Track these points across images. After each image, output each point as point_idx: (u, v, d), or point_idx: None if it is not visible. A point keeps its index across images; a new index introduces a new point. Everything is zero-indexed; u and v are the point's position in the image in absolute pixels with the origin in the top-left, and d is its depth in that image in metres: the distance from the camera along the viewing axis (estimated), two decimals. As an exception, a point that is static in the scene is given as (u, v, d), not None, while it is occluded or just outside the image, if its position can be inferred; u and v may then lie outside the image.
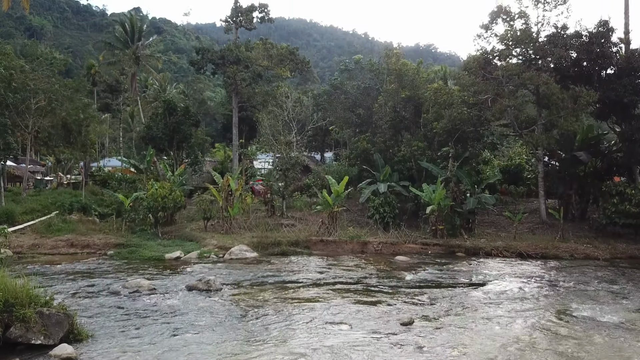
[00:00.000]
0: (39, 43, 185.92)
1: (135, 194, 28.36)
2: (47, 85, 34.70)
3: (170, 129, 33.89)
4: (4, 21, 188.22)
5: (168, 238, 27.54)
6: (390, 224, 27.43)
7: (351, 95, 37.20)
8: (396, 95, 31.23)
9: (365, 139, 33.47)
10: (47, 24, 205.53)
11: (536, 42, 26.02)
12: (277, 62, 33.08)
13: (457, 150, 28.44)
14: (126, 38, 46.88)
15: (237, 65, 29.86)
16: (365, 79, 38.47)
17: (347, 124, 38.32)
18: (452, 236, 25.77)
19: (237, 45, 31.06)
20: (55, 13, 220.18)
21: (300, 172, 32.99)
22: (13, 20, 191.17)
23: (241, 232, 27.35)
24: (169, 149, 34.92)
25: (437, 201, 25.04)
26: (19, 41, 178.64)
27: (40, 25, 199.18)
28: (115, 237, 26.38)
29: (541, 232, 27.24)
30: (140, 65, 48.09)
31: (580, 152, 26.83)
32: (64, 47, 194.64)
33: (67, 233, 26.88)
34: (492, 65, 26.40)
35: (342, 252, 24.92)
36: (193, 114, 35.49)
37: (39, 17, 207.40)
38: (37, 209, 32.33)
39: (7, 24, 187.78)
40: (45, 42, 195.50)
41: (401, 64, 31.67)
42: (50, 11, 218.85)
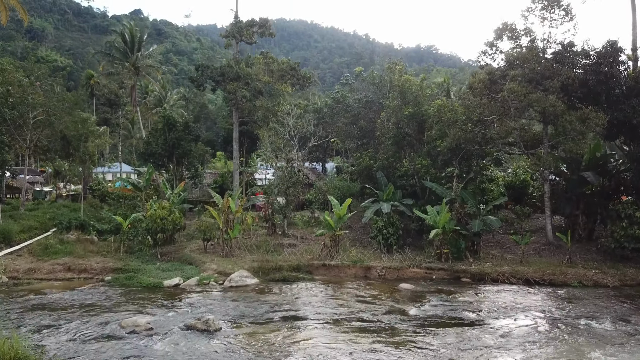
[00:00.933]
0: (40, 45, 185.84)
1: (133, 215, 27.77)
2: (45, 100, 34.17)
3: (169, 145, 33.29)
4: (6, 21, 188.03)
5: (167, 260, 26.97)
6: (393, 246, 26.82)
7: (353, 109, 36.57)
8: (399, 112, 30.60)
9: (367, 155, 32.85)
10: (48, 26, 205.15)
11: (542, 60, 25.35)
12: (278, 77, 32.44)
13: (461, 171, 27.81)
14: (125, 49, 46.27)
15: (237, 82, 29.25)
16: (367, 92, 37.81)
17: (349, 137, 37.70)
18: (457, 259, 25.13)
19: (237, 61, 30.44)
20: (56, 15, 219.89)
21: (301, 185, 32.33)
22: (14, 22, 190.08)
23: (241, 254, 26.73)
24: (168, 164, 34.31)
25: (442, 225, 24.41)
26: (19, 44, 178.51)
27: (41, 27, 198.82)
28: (113, 260, 25.76)
29: (547, 254, 26.59)
30: (140, 75, 47.48)
31: (588, 173, 26.16)
32: (65, 49, 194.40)
33: (64, 255, 26.29)
34: (498, 84, 25.74)
35: (345, 277, 24.32)
36: (193, 129, 34.88)
37: (40, 19, 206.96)
38: (35, 227, 31.78)
39: (8, 26, 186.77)
40: (47, 44, 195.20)
41: (404, 80, 31.04)
42: (51, 13, 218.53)
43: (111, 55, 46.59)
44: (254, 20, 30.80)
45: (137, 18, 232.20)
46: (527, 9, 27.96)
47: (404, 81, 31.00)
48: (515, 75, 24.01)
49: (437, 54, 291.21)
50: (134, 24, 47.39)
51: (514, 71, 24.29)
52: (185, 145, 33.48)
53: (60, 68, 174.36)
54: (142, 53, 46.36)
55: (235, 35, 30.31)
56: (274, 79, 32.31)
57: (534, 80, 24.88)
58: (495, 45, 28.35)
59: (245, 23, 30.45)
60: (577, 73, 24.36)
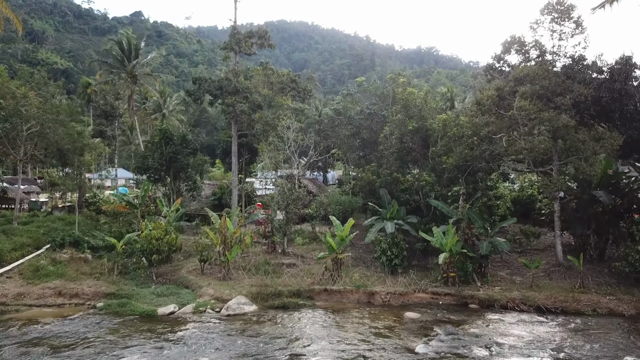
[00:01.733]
0: (40, 47, 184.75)
1: (127, 236, 26.68)
2: (39, 112, 33.09)
3: (166, 159, 32.20)
4: (4, 25, 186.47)
5: (163, 282, 25.90)
6: (398, 267, 25.75)
7: (355, 121, 35.47)
8: (403, 126, 29.48)
9: (370, 170, 31.76)
10: (49, 28, 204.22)
11: (553, 76, 24.23)
12: (278, 90, 31.36)
13: (467, 189, 26.71)
14: (123, 56, 45.19)
15: (235, 96, 28.15)
16: (369, 103, 36.71)
17: (350, 149, 36.62)
18: (464, 283, 24.03)
19: (235, 73, 29.35)
20: (57, 17, 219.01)
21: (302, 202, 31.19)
22: (14, 24, 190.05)
23: (239, 276, 25.62)
24: (165, 178, 33.21)
25: (449, 247, 23.32)
26: (20, 46, 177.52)
27: (41, 29, 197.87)
28: (106, 283, 24.67)
29: (558, 276, 25.46)
30: (138, 84, 46.41)
31: (600, 192, 25.07)
32: (66, 51, 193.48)
33: (55, 278, 25.20)
34: (507, 100, 24.63)
35: (348, 302, 23.21)
36: (191, 142, 33.78)
37: (41, 21, 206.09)
38: (28, 244, 30.72)
39: (8, 28, 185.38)
40: (47, 46, 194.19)
41: (408, 94, 29.91)
42: (51, 15, 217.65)
43: (108, 64, 45.50)
44: (253, 31, 29.70)
45: (138, 20, 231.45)
46: (535, 22, 26.87)
47: (408, 94, 29.87)
48: (525, 92, 22.88)
49: (437, 56, 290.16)
50: (131, 30, 46.27)
51: (524, 87, 23.16)
52: (182, 159, 32.37)
53: (60, 70, 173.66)
54: (139, 61, 45.24)
55: (233, 47, 29.24)
56: (274, 92, 31.23)
57: (545, 96, 23.77)
58: (503, 59, 27.29)
59: (243, 34, 29.37)
60: (589, 90, 23.18)
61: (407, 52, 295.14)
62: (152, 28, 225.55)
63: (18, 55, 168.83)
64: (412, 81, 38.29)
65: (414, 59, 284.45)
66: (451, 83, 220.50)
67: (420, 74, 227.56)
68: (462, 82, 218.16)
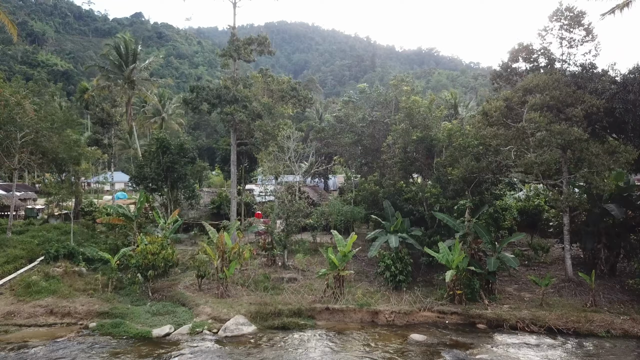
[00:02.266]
0: (40, 49, 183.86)
1: (122, 250, 25.75)
2: (33, 121, 32.15)
3: (163, 169, 31.27)
4: (5, 27, 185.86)
5: (159, 298, 24.93)
6: (402, 283, 24.79)
7: (357, 129, 34.51)
8: (406, 135, 28.55)
9: (373, 180, 30.80)
10: (49, 30, 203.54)
11: (563, 86, 23.25)
12: (278, 98, 30.39)
13: (473, 201, 25.73)
14: (120, 61, 44.25)
15: (234, 105, 27.19)
16: (371, 110, 35.75)
17: (352, 157, 35.67)
18: (472, 300, 23.06)
19: (234, 81, 28.37)
20: (57, 18, 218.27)
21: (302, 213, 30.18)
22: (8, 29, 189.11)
23: (238, 293, 24.67)
24: (162, 187, 32.27)
25: (455, 264, 22.35)
26: (20, 47, 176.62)
27: (42, 30, 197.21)
28: (100, 301, 23.68)
29: (568, 292, 24.49)
30: (136, 89, 45.47)
31: (612, 206, 24.10)
32: (66, 52, 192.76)
33: (47, 295, 24.24)
34: (515, 111, 23.65)
35: (351, 322, 22.24)
36: (189, 151, 32.82)
37: (41, 22, 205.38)
38: (21, 256, 29.85)
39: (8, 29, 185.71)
40: (47, 47, 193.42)
41: (411, 102, 28.95)
42: (52, 16, 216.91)
43: (105, 69, 44.55)
44: (252, 37, 28.73)
45: (138, 21, 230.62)
46: (544, 28, 25.94)
47: (412, 103, 28.92)
48: (535, 103, 21.91)
49: (438, 57, 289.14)
50: (129, 35, 45.31)
51: (534, 98, 22.19)
52: (180, 169, 31.42)
53: (60, 72, 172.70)
54: (137, 65, 44.29)
55: (232, 54, 28.29)
56: (273, 100, 30.27)
57: (555, 107, 22.80)
58: (511, 67, 26.33)
59: (243, 41, 28.40)
60: (601, 101, 22.20)
61: (408, 53, 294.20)
62: (153, 29, 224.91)
63: (18, 57, 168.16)
64: (415, 86, 37.27)
65: (414, 60, 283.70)
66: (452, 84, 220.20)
67: (421, 75, 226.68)
68: (463, 83, 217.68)
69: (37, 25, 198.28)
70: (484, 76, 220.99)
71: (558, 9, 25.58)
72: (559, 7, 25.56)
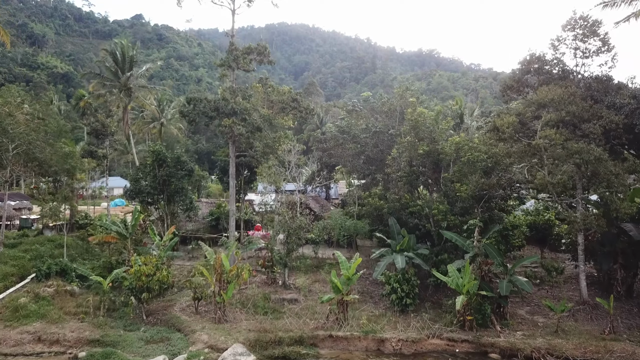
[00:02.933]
0: (41, 51, 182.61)
1: (115, 272, 24.45)
2: (25, 132, 30.89)
3: (159, 182, 29.99)
4: (5, 29, 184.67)
5: (153, 322, 23.61)
6: (409, 306, 23.53)
7: (360, 140, 33.21)
8: (412, 149, 27.25)
9: (377, 194, 29.50)
10: (49, 32, 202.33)
11: (579, 100, 21.95)
12: (279, 109, 29.09)
13: (483, 218, 24.45)
14: (116, 68, 42.98)
15: (233, 117, 25.91)
16: (375, 120, 34.46)
17: (355, 169, 34.40)
18: (482, 326, 21.77)
19: (233, 91, 27.06)
20: (58, 20, 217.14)
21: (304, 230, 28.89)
22: (15, 28, 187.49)
23: (236, 316, 23.39)
24: (159, 201, 30.99)
25: (466, 290, 21.06)
26: (20, 50, 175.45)
27: (42, 32, 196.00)
28: (91, 327, 22.35)
29: (584, 316, 23.19)
30: (133, 96, 44.21)
31: (629, 225, 22.84)
32: (66, 54, 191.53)
33: (36, 319, 22.98)
34: (528, 125, 22.36)
35: (355, 350, 20.93)
36: (186, 163, 31.49)
37: (41, 24, 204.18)
38: (12, 273, 28.63)
39: (8, 31, 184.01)
40: (47, 49, 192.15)
41: (417, 114, 27.65)
42: (52, 18, 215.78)
43: (101, 76, 43.28)
44: (252, 47, 27.43)
45: (138, 23, 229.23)
46: (557, 38, 24.69)
47: (418, 115, 27.62)
48: (550, 119, 20.62)
49: (439, 58, 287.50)
50: (127, 41, 44.04)
51: (549, 114, 20.90)
52: (177, 182, 30.12)
53: (60, 74, 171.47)
54: (134, 73, 43.01)
55: (230, 64, 27.01)
56: (274, 111, 28.98)
57: (571, 123, 21.51)
58: (522, 80, 25.03)
59: (242, 50, 27.11)
60: (620, 117, 20.90)
61: (409, 54, 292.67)
62: (153, 31, 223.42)
63: (18, 59, 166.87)
64: (419, 95, 35.98)
65: (415, 61, 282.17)
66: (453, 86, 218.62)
67: (422, 77, 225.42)
68: (464, 85, 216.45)
69: (37, 27, 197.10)
70: (484, 78, 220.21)
71: (572, 17, 24.32)
72: (573, 16, 24.31)
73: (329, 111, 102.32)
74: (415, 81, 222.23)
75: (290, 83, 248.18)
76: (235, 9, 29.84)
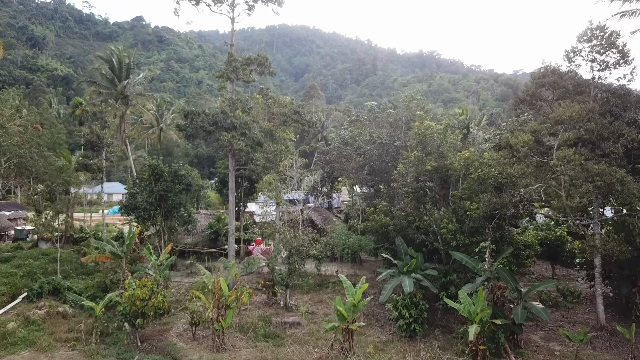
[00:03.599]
0: (41, 53, 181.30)
1: (108, 296, 23.20)
2: (17, 145, 29.67)
3: (156, 197, 28.73)
4: (5, 31, 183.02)
5: (148, 349, 22.30)
6: (418, 333, 22.26)
7: (365, 152, 31.92)
8: (420, 164, 25.97)
9: (382, 211, 28.22)
10: (50, 34, 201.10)
11: (598, 117, 20.67)
12: (280, 122, 27.78)
13: (494, 237, 23.16)
14: (113, 76, 41.70)
15: (232, 132, 24.61)
16: (379, 130, 33.19)
17: (359, 181, 33.13)
18: (496, 356, 20.48)
19: (232, 103, 25.74)
20: (58, 22, 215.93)
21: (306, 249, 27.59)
22: (15, 30, 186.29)
23: (235, 344, 22.09)
24: (155, 217, 29.73)
25: (479, 318, 19.76)
26: (19, 52, 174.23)
27: (42, 35, 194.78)
28: (83, 355, 21.11)
29: (602, 344, 21.89)
30: (130, 104, 42.95)
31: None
32: (66, 56, 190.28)
33: (25, 347, 21.75)
34: (544, 144, 21.08)
35: (362, 383, 19.67)
36: (184, 177, 30.19)
37: (41, 26, 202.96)
38: (2, 292, 27.46)
39: (8, 34, 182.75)
40: (47, 52, 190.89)
41: (424, 128, 26.37)
42: (52, 20, 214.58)
43: (97, 84, 42.01)
44: (251, 58, 26.14)
45: (139, 25, 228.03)
46: (572, 50, 23.37)
47: (425, 128, 26.34)
48: (568, 138, 19.34)
49: (439, 59, 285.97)
50: (122, 47, 42.73)
51: (566, 133, 19.62)
52: (174, 197, 28.84)
53: (60, 77, 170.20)
54: (131, 80, 41.74)
55: (229, 76, 25.71)
56: (275, 124, 27.67)
57: (589, 141, 20.22)
58: (537, 94, 23.75)
59: (241, 61, 25.79)
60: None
61: (409, 55, 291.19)
62: (153, 33, 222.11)
63: (18, 62, 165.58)
64: (425, 104, 34.70)
65: (415, 63, 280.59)
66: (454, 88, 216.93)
67: (423, 79, 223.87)
68: (465, 87, 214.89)
69: (38, 29, 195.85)
70: (486, 80, 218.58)
71: (588, 28, 23.01)
72: (589, 27, 23.01)
73: (330, 115, 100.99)
74: (416, 83, 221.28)
75: (290, 85, 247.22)
76: (235, 17, 28.64)
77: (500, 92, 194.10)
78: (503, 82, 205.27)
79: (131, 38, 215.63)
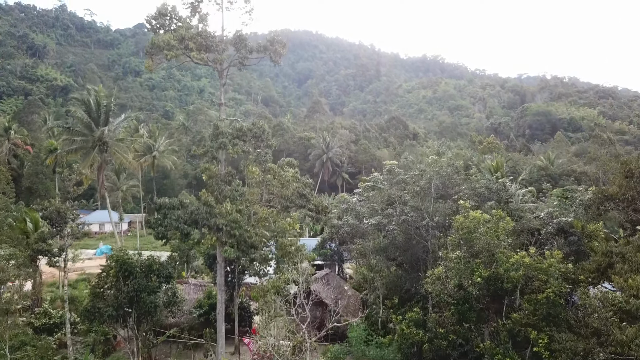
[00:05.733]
0: (41, 62, 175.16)
1: None
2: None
3: (126, 299, 22.13)
4: (5, 40, 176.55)
5: None
6: None
7: (387, 233, 25.22)
8: (465, 269, 19.34)
9: (413, 320, 21.54)
10: (50, 42, 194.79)
11: None
12: (282, 208, 21.02)
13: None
14: (89, 120, 35.15)
15: (218, 233, 18.18)
16: (403, 198, 26.46)
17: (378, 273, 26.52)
18: None
19: (219, 190, 18.99)
20: (59, 30, 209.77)
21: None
22: (15, 39, 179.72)
23: None
24: (126, 321, 23.13)
25: None
26: (19, 61, 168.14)
27: (43, 43, 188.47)
28: None
29: None
30: (110, 152, 36.39)
31: None
32: (67, 65, 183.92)
33: None
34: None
35: None
36: (163, 268, 23.52)
37: (42, 35, 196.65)
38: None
39: (8, 43, 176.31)
40: (48, 60, 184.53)
41: (469, 221, 19.68)
42: (53, 28, 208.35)
43: (71, 130, 35.41)
44: (244, 129, 19.17)
45: (141, 32, 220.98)
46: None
47: (470, 221, 19.65)
48: None
49: (443, 64, 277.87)
50: (100, 88, 36.11)
51: None
52: (148, 298, 22.20)
53: (59, 87, 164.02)
54: (110, 127, 35.17)
55: (214, 155, 19.06)
56: (275, 209, 21.07)
57: None
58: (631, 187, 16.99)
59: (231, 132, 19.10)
60: None
61: (413, 60, 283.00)
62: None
63: (17, 72, 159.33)
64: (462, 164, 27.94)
65: (419, 67, 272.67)
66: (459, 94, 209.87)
67: (427, 85, 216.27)
68: (471, 94, 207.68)
69: (38, 37, 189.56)
70: (492, 86, 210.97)
71: None
72: None
73: (335, 134, 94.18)
74: (421, 89, 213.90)
75: (293, 91, 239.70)
76: (224, 69, 21.98)
77: (507, 99, 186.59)
78: (509, 89, 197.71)
79: (133, 45, 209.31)
